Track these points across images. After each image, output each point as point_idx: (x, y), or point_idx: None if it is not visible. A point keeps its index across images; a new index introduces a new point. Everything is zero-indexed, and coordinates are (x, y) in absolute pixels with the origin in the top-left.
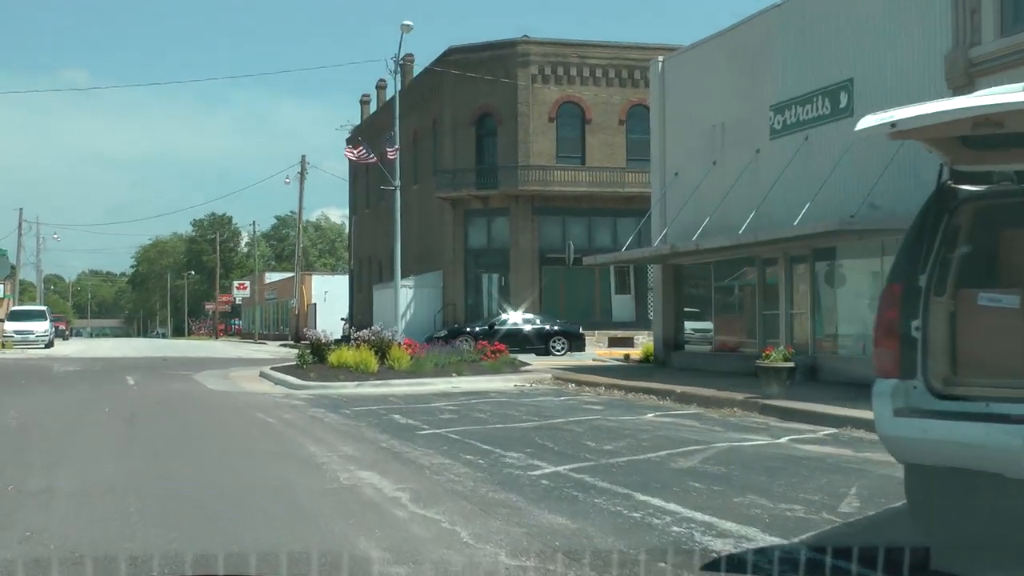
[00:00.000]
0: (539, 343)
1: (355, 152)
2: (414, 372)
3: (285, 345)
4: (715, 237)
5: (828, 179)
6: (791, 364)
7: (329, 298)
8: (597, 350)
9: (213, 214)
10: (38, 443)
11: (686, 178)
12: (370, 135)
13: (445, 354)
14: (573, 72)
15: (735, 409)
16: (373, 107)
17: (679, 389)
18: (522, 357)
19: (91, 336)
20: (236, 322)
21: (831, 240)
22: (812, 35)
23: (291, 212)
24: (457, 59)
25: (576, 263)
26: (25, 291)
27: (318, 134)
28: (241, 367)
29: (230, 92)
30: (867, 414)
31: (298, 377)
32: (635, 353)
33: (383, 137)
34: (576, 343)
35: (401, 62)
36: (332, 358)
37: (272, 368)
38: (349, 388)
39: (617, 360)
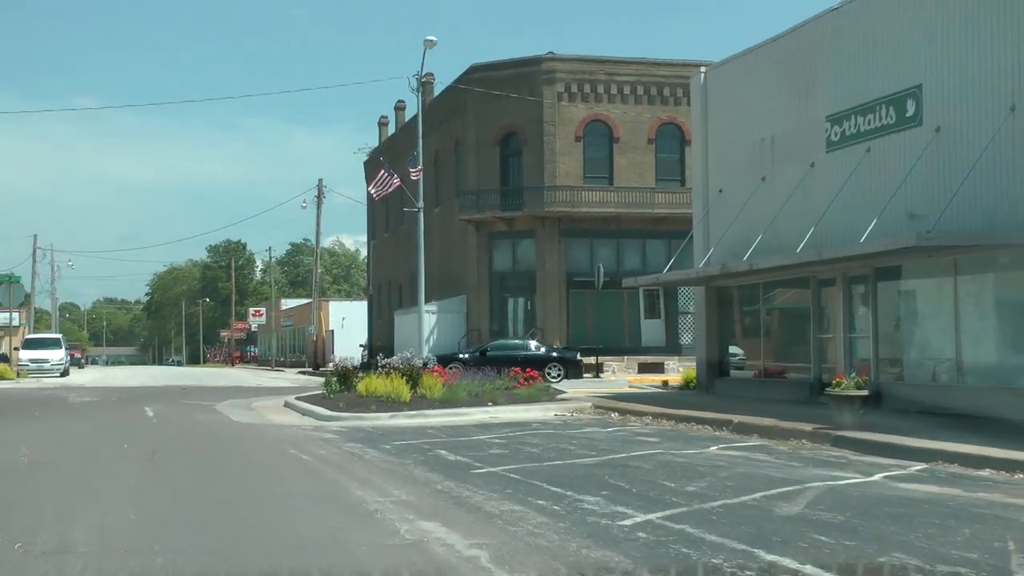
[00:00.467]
0: (533, 370)
1: (377, 183)
2: (448, 401)
3: (304, 372)
4: (771, 256)
5: (896, 192)
6: (864, 392)
7: (347, 324)
8: (628, 377)
9: (228, 240)
10: (51, 486)
11: (732, 195)
12: (389, 157)
13: (478, 382)
14: (600, 89)
15: (803, 441)
16: (391, 129)
17: (736, 419)
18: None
19: (106, 364)
20: (251, 349)
21: (897, 258)
22: (873, 40)
23: (304, 239)
24: (480, 77)
25: (606, 287)
26: (40, 319)
27: (332, 161)
28: (263, 396)
29: (242, 119)
30: (955, 447)
31: (326, 407)
32: (673, 379)
33: (406, 158)
34: (572, 370)
35: (423, 79)
36: (361, 387)
37: (297, 398)
38: (383, 419)
39: (655, 387)
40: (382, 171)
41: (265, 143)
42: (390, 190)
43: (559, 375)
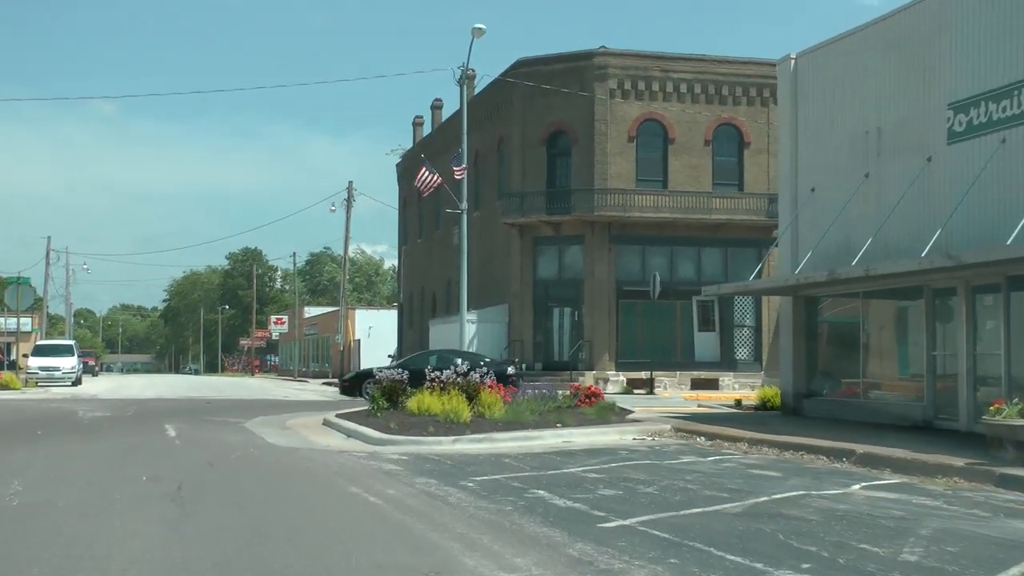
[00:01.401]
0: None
1: (420, 180)
2: (513, 422)
3: (329, 384)
4: (894, 261)
5: None
6: None
7: (374, 334)
8: (683, 394)
9: (246, 248)
10: (44, 546)
11: (827, 195)
12: (428, 157)
13: (540, 400)
14: (655, 87)
15: (956, 479)
16: (427, 129)
17: (860, 449)
18: None
19: (122, 371)
20: (272, 358)
21: None
22: (1008, 14)
23: (325, 247)
24: (527, 72)
25: (658, 297)
26: (54, 325)
27: (351, 169)
28: (297, 412)
29: (263, 126)
30: None
31: (376, 428)
32: (747, 397)
33: (447, 158)
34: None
35: (468, 71)
36: (412, 404)
37: (338, 415)
38: (445, 444)
39: (726, 406)
40: (423, 168)
41: (282, 151)
42: (435, 185)
43: None
